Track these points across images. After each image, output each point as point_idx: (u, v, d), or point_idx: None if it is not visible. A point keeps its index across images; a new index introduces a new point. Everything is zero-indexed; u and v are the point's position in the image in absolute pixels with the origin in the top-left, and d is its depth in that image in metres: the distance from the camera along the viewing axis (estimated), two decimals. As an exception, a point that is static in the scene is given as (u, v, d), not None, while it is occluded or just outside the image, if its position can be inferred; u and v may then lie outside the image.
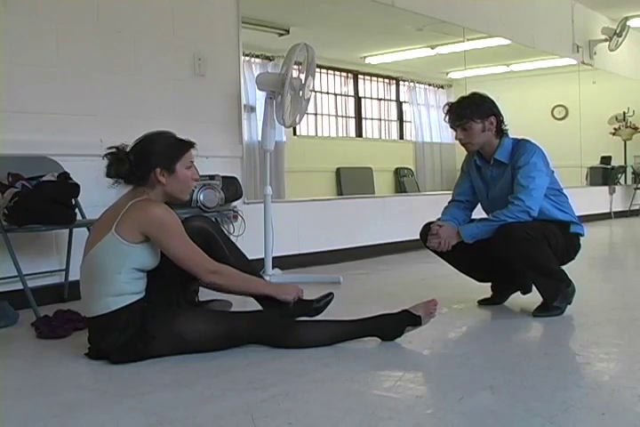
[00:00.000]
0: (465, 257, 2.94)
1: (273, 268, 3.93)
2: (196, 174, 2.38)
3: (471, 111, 2.83)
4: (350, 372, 2.06)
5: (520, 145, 2.88)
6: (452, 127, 2.92)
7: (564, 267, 2.86)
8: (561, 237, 2.79)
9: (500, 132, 2.90)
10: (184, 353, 2.22)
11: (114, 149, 2.23)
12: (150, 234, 2.19)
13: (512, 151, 2.88)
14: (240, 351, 2.26)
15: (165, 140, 2.32)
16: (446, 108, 2.92)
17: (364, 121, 8.11)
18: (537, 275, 2.79)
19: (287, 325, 2.33)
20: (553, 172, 2.92)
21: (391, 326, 2.35)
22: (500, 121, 2.89)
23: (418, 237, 2.99)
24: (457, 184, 3.11)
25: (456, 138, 2.92)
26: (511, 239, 2.68)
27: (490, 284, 3.09)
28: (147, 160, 2.23)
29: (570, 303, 2.84)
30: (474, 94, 2.97)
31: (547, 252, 2.73)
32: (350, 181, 7.37)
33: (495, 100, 2.95)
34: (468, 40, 6.53)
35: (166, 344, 2.19)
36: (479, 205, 3.08)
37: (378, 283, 4.01)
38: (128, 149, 2.25)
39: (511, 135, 2.96)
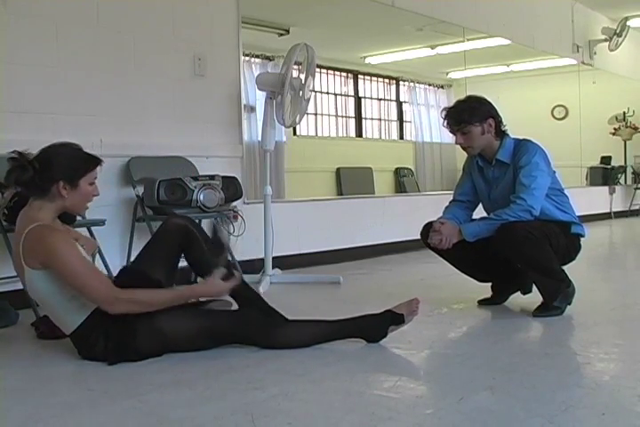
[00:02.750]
0: (465, 257, 2.94)
1: (273, 268, 3.93)
2: (96, 190, 2.26)
3: (469, 115, 2.83)
4: (350, 372, 2.06)
5: (521, 145, 2.88)
6: (451, 132, 2.92)
7: (564, 267, 2.86)
8: (562, 238, 2.79)
9: (500, 133, 2.90)
10: (171, 351, 2.22)
11: (16, 155, 2.13)
12: (47, 265, 2.12)
13: (514, 151, 2.88)
14: (240, 351, 2.26)
15: (73, 152, 2.21)
16: (444, 112, 2.92)
17: (364, 121, 8.11)
18: (538, 274, 2.79)
19: (268, 324, 2.31)
20: (554, 172, 2.92)
21: (374, 327, 2.33)
22: (498, 122, 2.89)
23: (418, 237, 2.99)
24: (458, 184, 3.11)
25: (456, 142, 2.93)
26: (513, 238, 2.68)
27: (490, 284, 3.10)
28: (51, 171, 2.13)
29: (570, 304, 2.84)
30: (470, 98, 2.97)
31: (548, 251, 2.73)
32: (350, 181, 7.37)
33: (496, 100, 2.96)
34: (468, 40, 6.53)
35: (151, 341, 2.18)
36: (480, 206, 3.08)
37: (378, 283, 4.01)
38: (32, 158, 2.15)
39: (512, 135, 2.96)
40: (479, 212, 3.06)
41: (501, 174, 2.90)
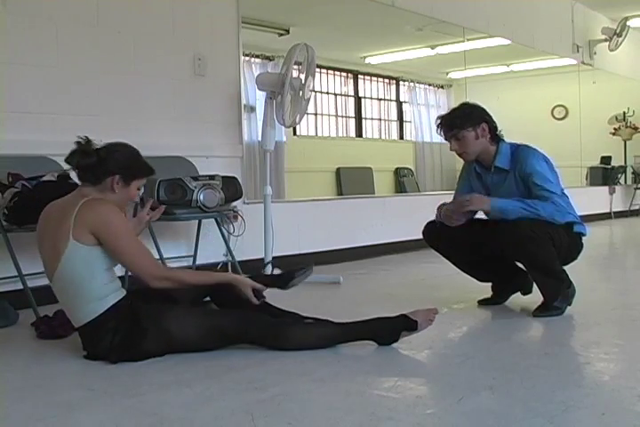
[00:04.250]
0: (466, 256, 2.94)
1: (273, 268, 3.93)
2: (138, 197, 2.39)
3: (461, 121, 2.82)
4: (350, 372, 2.06)
5: (520, 150, 2.86)
6: (445, 139, 2.91)
7: (567, 266, 2.86)
8: (565, 237, 2.79)
9: (495, 137, 2.88)
10: (176, 351, 2.21)
11: (83, 140, 2.22)
12: (98, 235, 2.16)
13: (512, 157, 2.86)
14: (240, 351, 2.26)
15: (135, 155, 2.32)
16: (438, 121, 2.90)
17: (364, 121, 8.11)
18: (539, 274, 2.79)
19: (277, 324, 2.31)
20: (556, 173, 2.90)
21: (386, 330, 2.31)
22: (492, 127, 2.86)
23: (418, 237, 2.99)
24: (457, 189, 3.09)
25: (451, 149, 2.91)
26: (516, 236, 2.68)
27: (490, 284, 3.10)
28: (113, 164, 2.22)
29: (570, 304, 2.84)
30: (463, 104, 2.98)
31: (550, 251, 2.73)
32: (350, 181, 7.37)
33: (496, 100, 2.95)
34: (468, 40, 6.53)
35: (157, 341, 2.18)
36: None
37: (378, 283, 4.01)
38: (98, 147, 2.24)
39: (511, 138, 2.95)
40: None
41: (500, 180, 2.88)
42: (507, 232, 2.71)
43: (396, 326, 2.31)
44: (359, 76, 8.02)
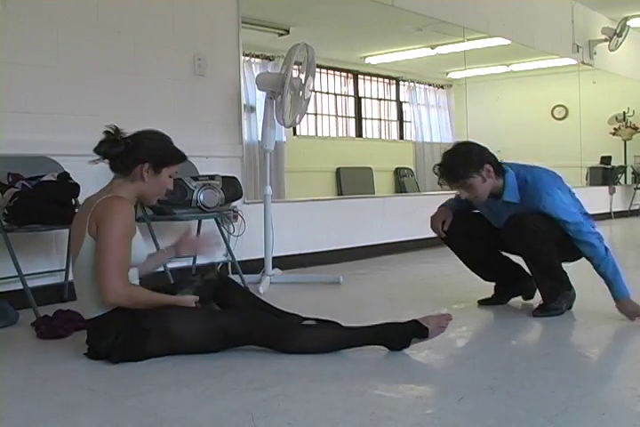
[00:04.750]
0: (476, 254, 2.96)
1: (273, 268, 3.94)
2: (171, 185, 2.34)
3: (464, 170, 2.69)
4: (350, 372, 2.06)
5: (529, 187, 2.74)
6: (451, 189, 2.85)
7: (567, 267, 2.86)
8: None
9: (500, 171, 2.77)
10: (178, 353, 2.21)
11: (112, 129, 2.21)
12: (97, 230, 2.13)
13: (520, 189, 2.76)
14: (240, 352, 2.26)
15: (165, 141, 2.32)
16: (437, 169, 2.78)
17: (364, 121, 8.11)
18: (539, 270, 2.79)
19: (282, 325, 2.27)
20: (569, 192, 2.84)
21: (397, 337, 2.22)
22: (495, 164, 2.75)
23: (418, 237, 3.00)
24: (460, 201, 3.01)
25: (462, 197, 2.85)
26: (519, 229, 2.68)
27: (494, 284, 3.09)
28: (140, 151, 2.22)
29: (570, 308, 2.84)
30: (456, 150, 2.82)
31: (551, 246, 2.71)
32: (350, 181, 7.37)
33: (496, 100, 2.94)
34: (468, 40, 6.53)
35: (159, 341, 2.17)
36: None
37: (378, 283, 4.01)
38: (126, 135, 2.24)
39: (511, 137, 2.94)
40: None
41: (507, 208, 2.82)
42: (511, 225, 2.71)
43: (407, 332, 2.22)
44: (359, 76, 8.02)
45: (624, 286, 2.67)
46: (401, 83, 8.47)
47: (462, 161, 2.72)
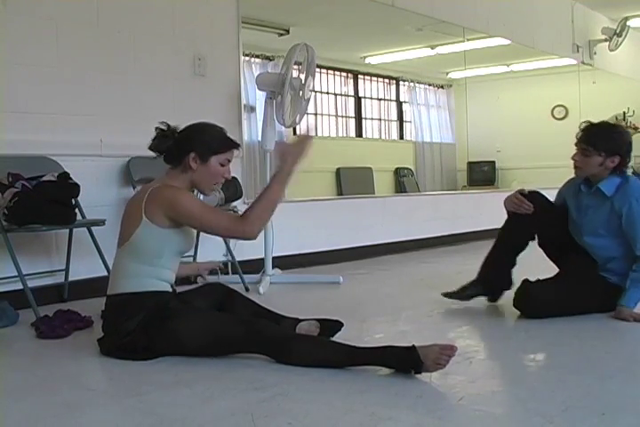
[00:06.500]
0: (554, 234, 2.96)
1: (273, 268, 3.94)
2: (228, 173, 2.37)
3: (601, 144, 2.72)
4: (350, 372, 2.06)
5: (629, 186, 2.75)
6: (575, 144, 2.82)
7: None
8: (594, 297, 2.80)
9: (619, 170, 2.78)
10: (179, 354, 2.20)
11: (164, 126, 2.31)
12: (173, 217, 2.23)
13: (618, 186, 2.76)
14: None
15: (213, 131, 2.37)
16: (586, 125, 2.81)
17: (364, 121, 8.12)
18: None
19: (284, 341, 2.16)
20: None
21: (394, 362, 2.04)
22: (623, 162, 2.76)
23: (417, 237, 2.99)
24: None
25: (572, 157, 2.82)
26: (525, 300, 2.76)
27: (486, 278, 3.06)
28: (187, 142, 2.29)
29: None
30: (622, 129, 2.89)
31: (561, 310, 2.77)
32: (350, 181, 7.37)
33: (496, 100, 2.94)
34: (468, 40, 6.53)
35: (164, 342, 2.17)
36: None
37: (377, 283, 4.01)
38: (179, 130, 2.33)
39: (511, 138, 2.94)
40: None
41: (595, 204, 2.81)
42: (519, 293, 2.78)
43: (405, 362, 2.01)
44: (359, 76, 8.02)
45: (638, 298, 2.71)
46: (401, 83, 8.48)
47: (610, 138, 2.76)
